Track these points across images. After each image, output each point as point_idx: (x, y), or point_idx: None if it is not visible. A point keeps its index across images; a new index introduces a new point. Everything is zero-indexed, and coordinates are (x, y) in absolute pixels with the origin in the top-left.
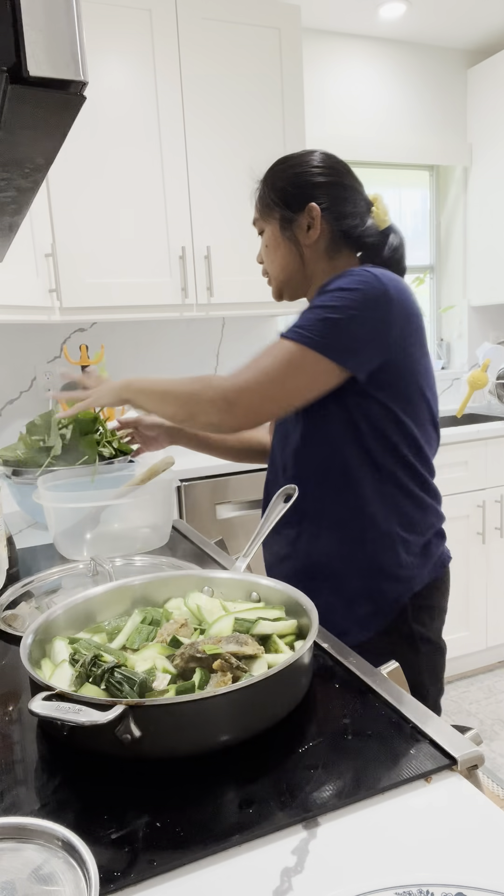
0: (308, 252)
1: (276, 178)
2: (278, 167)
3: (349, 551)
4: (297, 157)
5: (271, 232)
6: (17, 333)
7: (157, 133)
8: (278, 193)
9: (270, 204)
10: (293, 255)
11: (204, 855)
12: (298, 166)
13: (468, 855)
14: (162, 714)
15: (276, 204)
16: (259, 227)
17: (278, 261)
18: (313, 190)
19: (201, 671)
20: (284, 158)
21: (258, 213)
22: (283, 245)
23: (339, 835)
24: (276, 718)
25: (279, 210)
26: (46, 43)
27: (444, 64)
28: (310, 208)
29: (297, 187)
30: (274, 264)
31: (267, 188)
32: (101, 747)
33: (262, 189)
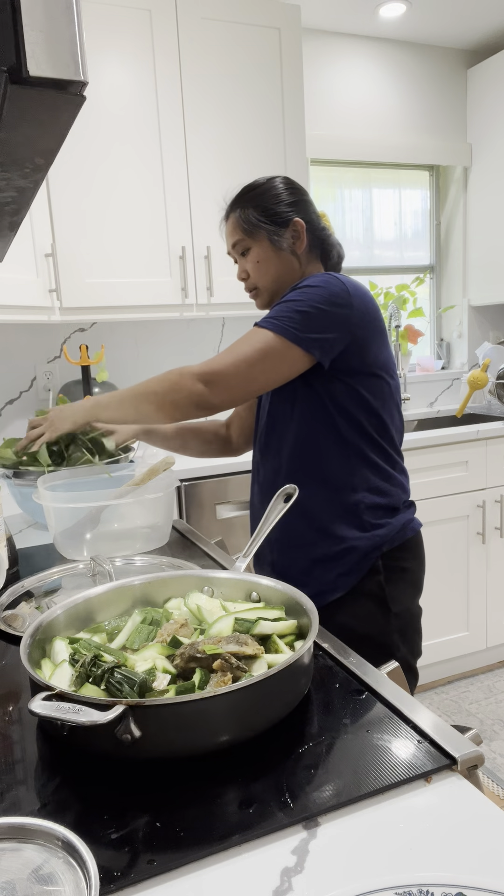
0: (298, 260)
1: (255, 201)
2: (252, 193)
3: (320, 518)
4: (266, 183)
5: (261, 249)
6: (17, 333)
7: (157, 133)
8: (263, 213)
9: (256, 224)
10: (287, 265)
11: (204, 855)
12: (272, 189)
13: (468, 855)
14: (162, 714)
15: (262, 223)
16: (241, 247)
17: (272, 273)
18: (291, 207)
19: (201, 671)
20: (253, 185)
21: (241, 234)
22: (276, 258)
23: (339, 835)
24: (276, 719)
25: (265, 228)
26: (46, 43)
27: (444, 64)
28: (295, 223)
29: (278, 206)
30: (267, 276)
31: (248, 211)
32: (101, 747)
33: (242, 213)
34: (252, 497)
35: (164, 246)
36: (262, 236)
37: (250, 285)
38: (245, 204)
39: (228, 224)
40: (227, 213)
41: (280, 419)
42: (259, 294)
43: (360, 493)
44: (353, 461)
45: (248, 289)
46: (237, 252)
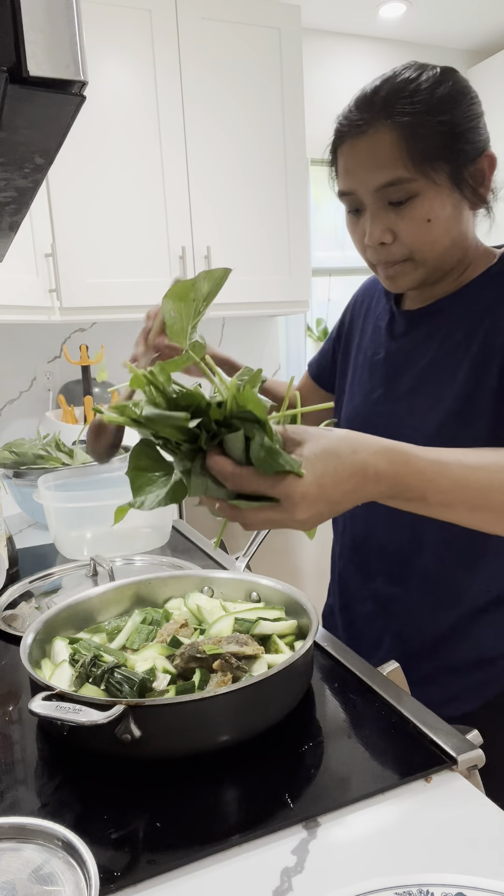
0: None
1: (440, 109)
2: (431, 92)
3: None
4: (444, 75)
5: (438, 197)
6: (17, 333)
7: (157, 133)
8: (453, 135)
9: (440, 153)
10: (465, 225)
11: (204, 855)
12: (466, 92)
13: (468, 855)
14: (162, 714)
15: (450, 152)
16: (401, 193)
17: (450, 237)
18: (482, 127)
19: (201, 671)
20: (421, 76)
21: (406, 168)
22: (456, 213)
23: (339, 835)
24: (277, 718)
25: (452, 162)
26: (46, 43)
27: (444, 64)
28: (487, 156)
29: (474, 123)
30: (441, 243)
31: (430, 127)
32: (101, 747)
33: (413, 129)
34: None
35: (163, 246)
36: (444, 176)
37: (399, 253)
38: (419, 113)
39: (368, 143)
40: (363, 119)
41: None
42: (410, 269)
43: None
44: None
45: (387, 259)
46: (382, 198)
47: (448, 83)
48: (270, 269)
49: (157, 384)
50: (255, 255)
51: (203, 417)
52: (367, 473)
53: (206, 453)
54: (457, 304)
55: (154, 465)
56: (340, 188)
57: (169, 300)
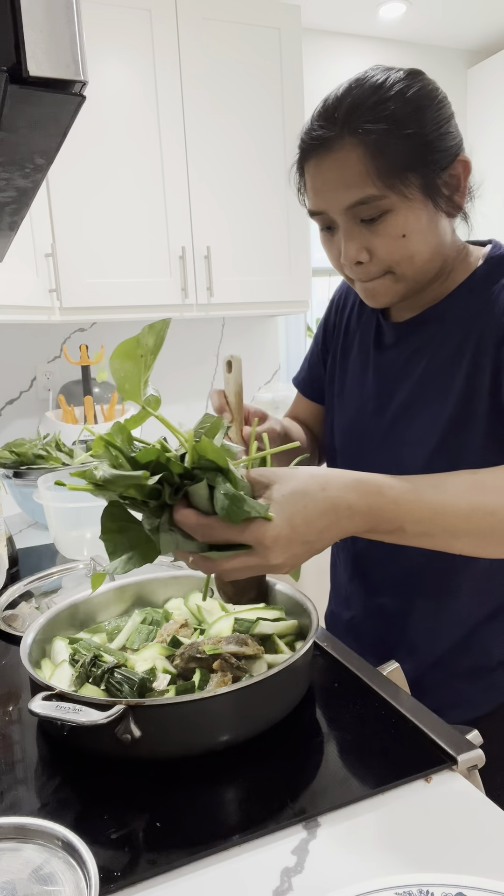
0: (450, 224)
1: (407, 119)
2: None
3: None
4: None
5: (412, 212)
6: (17, 333)
7: (157, 133)
8: (422, 144)
9: (410, 165)
10: (443, 235)
11: (204, 855)
12: (434, 95)
13: (468, 855)
14: (162, 714)
15: (421, 164)
16: (372, 211)
17: (428, 249)
18: (454, 131)
19: (201, 671)
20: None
21: (376, 186)
22: (432, 225)
23: (339, 835)
24: (277, 718)
25: (420, 174)
26: (46, 43)
27: (444, 64)
28: (460, 161)
29: (444, 130)
30: (420, 256)
31: (396, 140)
32: (101, 747)
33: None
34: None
35: (163, 246)
36: (416, 190)
37: (377, 270)
38: (384, 126)
39: (334, 161)
40: (328, 134)
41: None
42: (392, 283)
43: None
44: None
45: (365, 277)
46: (353, 216)
47: (414, 89)
48: (270, 269)
49: (116, 445)
50: (255, 255)
51: (164, 472)
52: (339, 509)
53: (173, 507)
54: (445, 312)
55: (125, 527)
56: (310, 208)
57: (116, 360)
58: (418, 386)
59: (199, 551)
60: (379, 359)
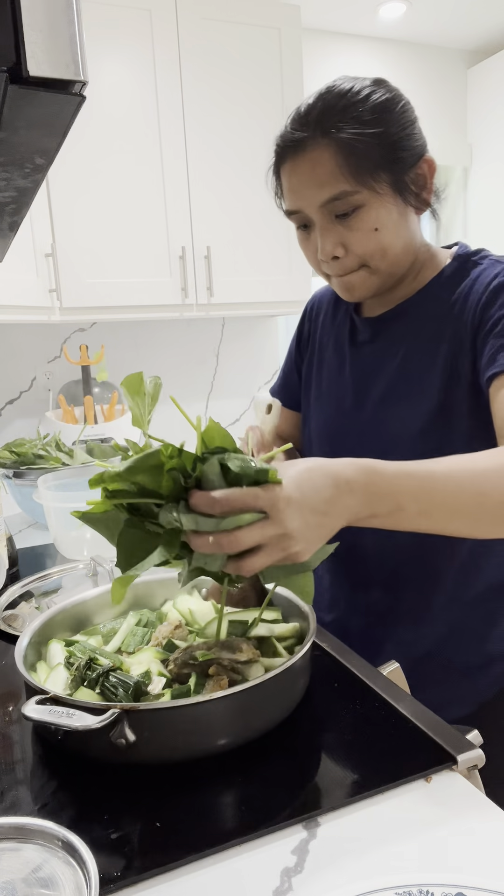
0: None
1: (375, 120)
2: (364, 104)
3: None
4: (378, 87)
5: (383, 207)
6: (17, 333)
7: (157, 133)
8: (389, 144)
9: (379, 163)
10: (413, 230)
11: (204, 855)
12: (398, 100)
13: (468, 855)
14: (156, 718)
15: (387, 161)
16: (346, 206)
17: (400, 244)
18: (418, 133)
19: (196, 675)
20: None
21: (348, 182)
22: (402, 220)
23: (339, 835)
24: (273, 723)
25: (391, 170)
26: (46, 43)
27: (444, 64)
28: (426, 161)
29: (408, 131)
30: (392, 251)
31: (366, 139)
32: (96, 752)
33: (352, 143)
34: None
35: (164, 246)
36: (386, 185)
37: (353, 264)
38: (354, 128)
39: (308, 161)
40: (303, 138)
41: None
42: (365, 277)
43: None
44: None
45: (341, 271)
46: (328, 213)
47: (378, 94)
48: (270, 269)
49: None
50: (255, 255)
51: (177, 464)
52: (339, 483)
53: (188, 492)
54: (419, 306)
55: (144, 541)
56: (287, 207)
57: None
58: (395, 379)
59: (217, 529)
60: (355, 355)
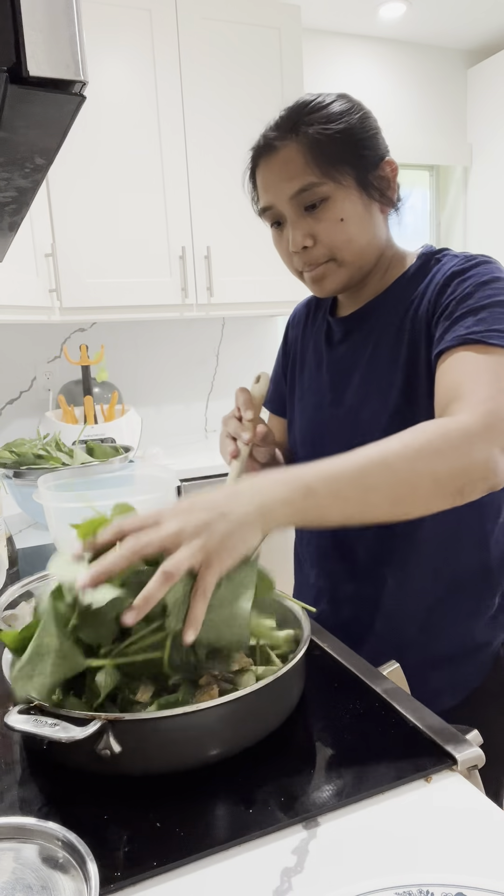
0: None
1: (335, 123)
2: (326, 110)
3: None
4: (340, 99)
5: (348, 199)
6: (17, 333)
7: (157, 133)
8: (350, 143)
9: (342, 158)
10: (377, 226)
11: (204, 855)
12: (356, 107)
13: (468, 855)
14: (142, 729)
15: (350, 157)
16: (312, 197)
17: (366, 235)
18: (380, 138)
19: (185, 684)
20: (321, 102)
21: (314, 174)
22: (366, 213)
23: (339, 835)
24: (265, 732)
25: (355, 166)
26: (46, 43)
27: (444, 64)
28: (388, 163)
29: (369, 134)
30: (357, 241)
31: (330, 137)
32: (80, 763)
33: (317, 140)
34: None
35: (164, 246)
36: (350, 179)
37: (321, 255)
38: (319, 126)
39: (279, 158)
40: (274, 139)
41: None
42: (333, 270)
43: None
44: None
45: (311, 262)
46: (298, 205)
47: (341, 101)
48: (270, 269)
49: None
50: (255, 255)
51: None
52: (245, 482)
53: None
54: (385, 303)
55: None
56: (262, 205)
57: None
58: (366, 374)
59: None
60: (330, 355)
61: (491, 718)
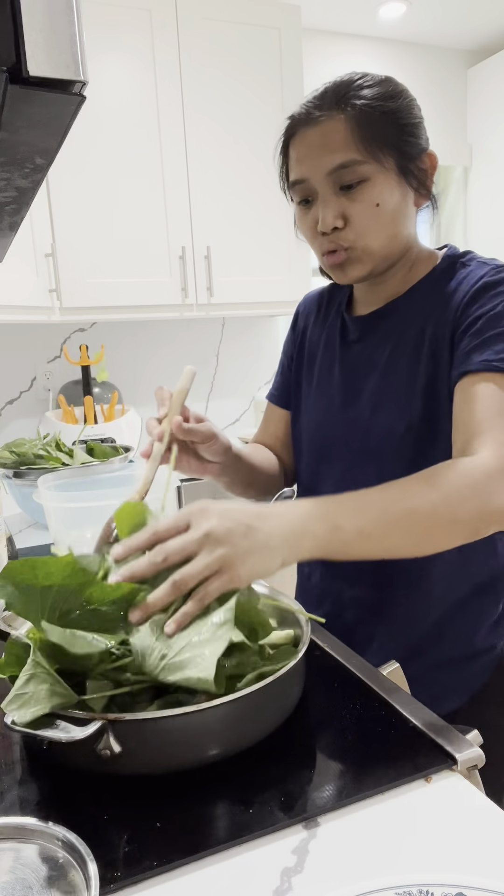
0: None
1: (384, 104)
2: (378, 90)
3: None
4: (388, 81)
5: (387, 183)
6: (17, 333)
7: (157, 133)
8: (398, 127)
9: (387, 141)
10: (409, 220)
11: (204, 855)
12: (405, 94)
13: (468, 855)
14: (142, 729)
15: (396, 142)
16: (351, 176)
17: (395, 225)
18: (424, 129)
19: None
20: (371, 80)
21: (358, 152)
22: (402, 203)
23: (339, 835)
24: (265, 732)
25: (398, 151)
26: (46, 43)
27: (444, 64)
28: (429, 156)
29: (416, 122)
30: (385, 231)
31: (378, 117)
32: (80, 763)
33: (364, 117)
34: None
35: (164, 246)
36: (392, 163)
37: (349, 238)
38: (370, 101)
39: (322, 130)
40: (318, 109)
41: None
42: (359, 257)
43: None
44: None
45: (329, 248)
46: (334, 182)
47: (390, 83)
48: (270, 269)
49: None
50: (255, 255)
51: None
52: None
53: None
54: (406, 304)
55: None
56: (293, 178)
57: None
58: (383, 376)
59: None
60: (345, 353)
61: (494, 720)
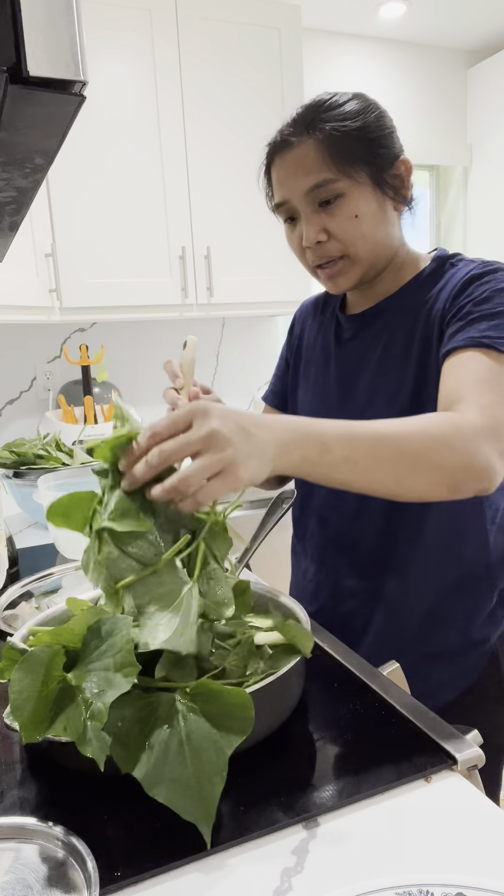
0: (398, 219)
1: (351, 121)
2: (343, 109)
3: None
4: (355, 98)
5: (362, 196)
6: (17, 333)
7: (157, 133)
8: (366, 141)
9: (356, 155)
10: (391, 224)
11: (204, 855)
12: (372, 107)
13: (468, 855)
14: None
15: (365, 155)
16: (327, 193)
17: (380, 232)
18: (395, 137)
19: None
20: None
21: (330, 171)
22: (380, 211)
23: (339, 835)
24: (263, 734)
25: (370, 164)
26: (46, 43)
27: (444, 64)
28: (403, 162)
29: (385, 133)
30: (371, 238)
31: (345, 135)
32: (78, 764)
33: (333, 137)
34: (301, 558)
35: (164, 246)
36: (365, 176)
37: (334, 250)
38: (336, 123)
39: (296, 155)
40: (291, 135)
41: None
42: (347, 267)
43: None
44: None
45: (321, 257)
46: (312, 201)
47: (358, 100)
48: (270, 269)
49: None
50: (254, 255)
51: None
52: (267, 417)
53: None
54: (398, 303)
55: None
56: (276, 200)
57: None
58: (376, 373)
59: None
60: (339, 352)
61: (488, 713)
